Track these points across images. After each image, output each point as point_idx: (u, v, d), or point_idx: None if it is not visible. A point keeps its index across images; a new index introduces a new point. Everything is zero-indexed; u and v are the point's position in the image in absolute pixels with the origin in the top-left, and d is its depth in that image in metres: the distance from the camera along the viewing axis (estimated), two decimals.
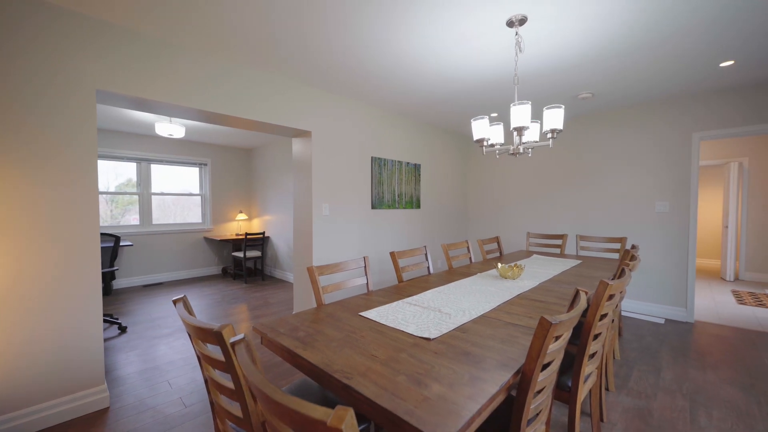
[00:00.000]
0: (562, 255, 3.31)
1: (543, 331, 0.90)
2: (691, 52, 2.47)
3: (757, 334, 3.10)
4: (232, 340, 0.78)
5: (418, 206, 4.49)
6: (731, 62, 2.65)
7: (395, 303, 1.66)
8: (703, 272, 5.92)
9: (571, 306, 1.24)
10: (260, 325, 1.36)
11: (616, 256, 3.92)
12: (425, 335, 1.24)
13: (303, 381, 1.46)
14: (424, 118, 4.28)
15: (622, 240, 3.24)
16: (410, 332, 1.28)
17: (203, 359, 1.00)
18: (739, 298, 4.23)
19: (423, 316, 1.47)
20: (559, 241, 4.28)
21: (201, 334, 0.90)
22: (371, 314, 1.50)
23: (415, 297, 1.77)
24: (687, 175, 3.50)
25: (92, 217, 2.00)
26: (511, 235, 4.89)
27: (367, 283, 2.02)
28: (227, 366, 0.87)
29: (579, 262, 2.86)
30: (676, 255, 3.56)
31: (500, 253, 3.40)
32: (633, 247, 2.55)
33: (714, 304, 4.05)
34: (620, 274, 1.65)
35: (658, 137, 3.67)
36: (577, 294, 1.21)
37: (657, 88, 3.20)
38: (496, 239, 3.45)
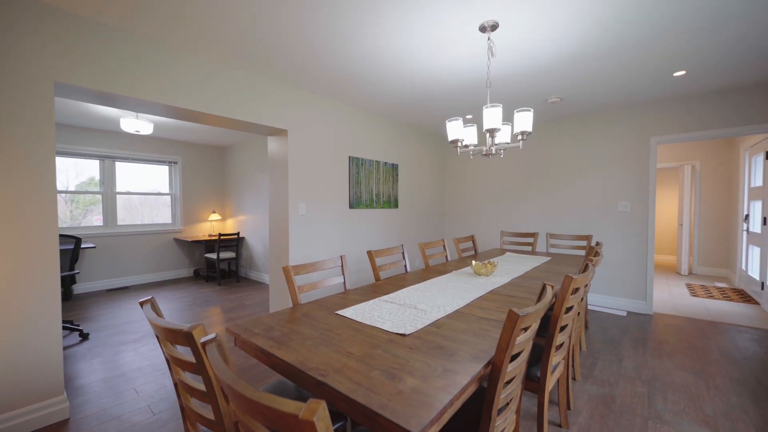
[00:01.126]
0: (533, 252, 3.45)
1: (511, 323, 0.95)
2: (649, 62, 2.64)
3: (707, 324, 3.36)
4: (203, 339, 0.76)
5: (396, 206, 4.53)
6: (683, 72, 2.86)
7: (372, 301, 1.68)
8: (661, 267, 6.33)
9: (539, 299, 1.30)
10: (234, 326, 1.33)
11: (582, 252, 4.12)
12: (400, 331, 1.26)
13: (278, 382, 1.44)
14: (402, 118, 4.32)
15: (587, 237, 3.41)
16: (386, 329, 1.29)
17: (173, 362, 0.97)
18: (692, 291, 4.56)
19: (399, 313, 1.49)
20: (530, 240, 4.45)
21: (170, 336, 0.88)
22: (347, 312, 1.51)
23: (391, 295, 1.79)
24: (646, 177, 3.74)
25: (50, 217, 1.88)
26: (486, 234, 5.03)
27: (344, 282, 2.03)
28: (198, 367, 0.85)
29: (548, 259, 2.99)
30: (637, 251, 3.79)
31: (475, 251, 3.49)
32: (597, 244, 2.69)
33: (670, 296, 4.35)
34: (584, 269, 1.74)
35: (620, 140, 3.89)
36: (543, 288, 1.27)
37: (619, 93, 3.40)
38: (471, 238, 3.54)
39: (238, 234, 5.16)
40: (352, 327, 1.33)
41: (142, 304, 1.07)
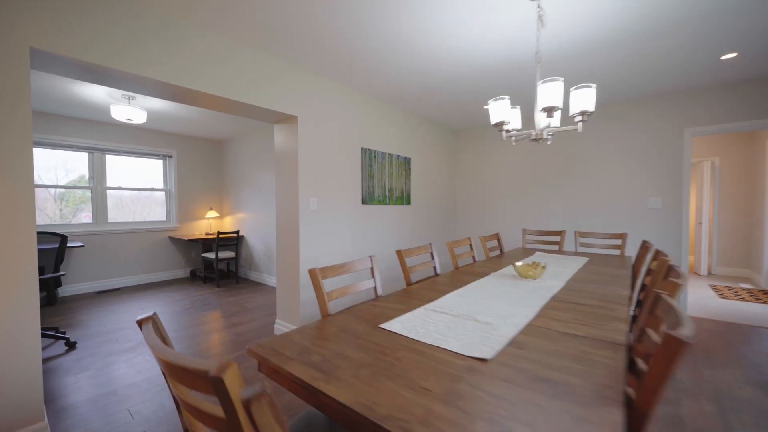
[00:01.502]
0: (560, 252, 3.19)
1: (671, 353, 0.67)
2: (694, 43, 2.40)
3: (749, 328, 3.13)
4: (245, 394, 0.47)
5: (409, 202, 4.25)
6: (734, 54, 2.62)
7: (417, 310, 1.39)
8: None
9: (651, 312, 1.03)
10: (258, 348, 1.04)
11: (617, 252, 3.88)
12: (477, 354, 0.98)
13: (306, 413, 1.15)
14: (416, 109, 4.03)
15: (622, 236, 3.16)
16: (456, 351, 1.01)
17: (186, 409, 0.68)
18: (719, 293, 4.35)
19: (459, 327, 1.21)
20: (556, 238, 4.20)
21: (187, 379, 0.58)
22: (394, 326, 1.22)
23: (436, 303, 1.51)
24: (679, 171, 3.51)
25: (26, 213, 1.57)
26: (504, 232, 4.77)
27: (375, 287, 1.74)
28: (230, 427, 0.56)
29: (587, 259, 2.73)
30: (668, 250, 3.56)
31: (501, 250, 3.23)
32: (645, 243, 2.44)
33: (697, 298, 4.13)
34: (667, 273, 1.48)
35: (651, 132, 3.65)
36: (657, 298, 1.00)
37: (653, 81, 3.15)
38: (497, 236, 3.27)
39: (237, 232, 4.83)
40: (409, 348, 1.04)
41: (140, 324, 0.77)
